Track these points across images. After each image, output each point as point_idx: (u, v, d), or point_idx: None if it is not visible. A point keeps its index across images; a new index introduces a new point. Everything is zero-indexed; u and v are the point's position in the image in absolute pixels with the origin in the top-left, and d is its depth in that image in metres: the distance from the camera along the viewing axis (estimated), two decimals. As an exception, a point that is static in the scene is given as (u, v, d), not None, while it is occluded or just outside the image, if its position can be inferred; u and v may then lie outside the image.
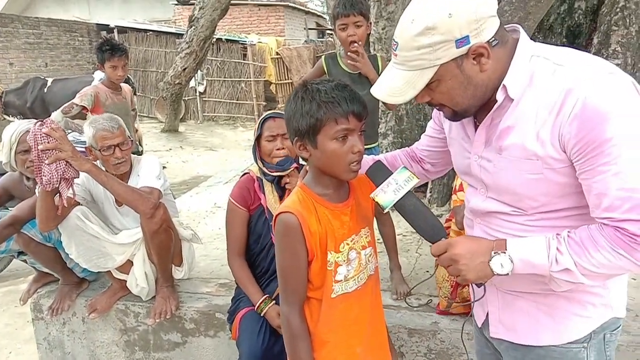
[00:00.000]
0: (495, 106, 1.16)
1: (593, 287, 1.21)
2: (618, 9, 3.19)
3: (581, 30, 3.60)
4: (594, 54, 3.02)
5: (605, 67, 1.07)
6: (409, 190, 1.27)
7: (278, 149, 2.12)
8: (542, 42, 1.20)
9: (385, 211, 1.31)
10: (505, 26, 1.18)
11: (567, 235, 1.10)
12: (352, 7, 2.46)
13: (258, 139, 2.17)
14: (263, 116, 2.17)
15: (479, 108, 1.21)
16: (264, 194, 2.22)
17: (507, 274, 1.13)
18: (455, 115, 1.23)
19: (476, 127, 1.26)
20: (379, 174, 1.33)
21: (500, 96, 1.14)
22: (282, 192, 2.20)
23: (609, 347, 1.27)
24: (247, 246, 2.29)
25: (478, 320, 1.46)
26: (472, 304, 1.37)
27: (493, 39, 1.10)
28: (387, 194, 1.27)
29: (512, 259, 1.13)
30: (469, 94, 1.15)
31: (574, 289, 1.20)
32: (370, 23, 2.64)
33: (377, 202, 1.29)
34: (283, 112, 2.09)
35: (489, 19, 1.08)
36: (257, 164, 2.22)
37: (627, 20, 3.17)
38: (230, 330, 2.26)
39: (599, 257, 1.05)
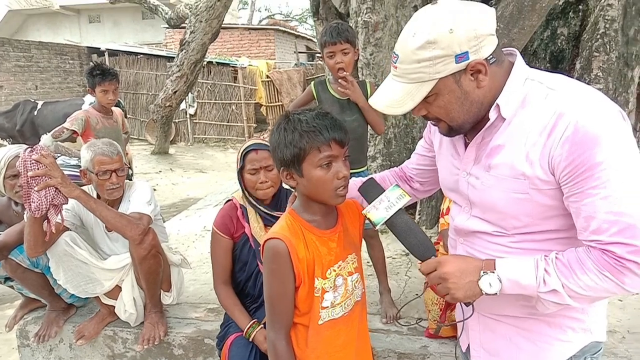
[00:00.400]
0: (487, 124, 1.19)
1: (572, 312, 1.23)
2: (599, 36, 3.28)
3: (564, 55, 3.69)
4: (576, 78, 3.10)
5: (596, 95, 1.11)
6: (401, 208, 1.30)
7: (261, 182, 2.11)
8: (538, 70, 1.24)
9: (377, 228, 1.33)
10: (503, 49, 1.22)
11: (555, 257, 1.12)
12: (339, 36, 2.51)
13: (240, 170, 2.14)
14: (244, 147, 2.13)
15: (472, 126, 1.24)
16: (248, 222, 2.20)
17: (496, 293, 1.14)
18: (450, 131, 1.25)
19: (466, 145, 1.29)
20: (372, 191, 1.35)
21: (492, 115, 1.17)
22: (267, 220, 2.18)
23: None
24: (233, 274, 2.28)
25: (463, 345, 1.48)
26: (461, 324, 1.38)
27: (491, 56, 1.13)
28: (379, 211, 1.29)
29: (500, 278, 1.14)
30: (465, 109, 1.18)
31: (554, 313, 1.22)
32: (358, 49, 2.69)
33: (369, 218, 1.31)
34: (265, 143, 2.09)
35: (487, 37, 1.11)
36: (247, 200, 2.20)
37: (608, 47, 3.26)
38: (220, 357, 2.24)
39: (586, 279, 1.07)
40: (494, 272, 1.15)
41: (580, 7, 3.58)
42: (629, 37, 3.30)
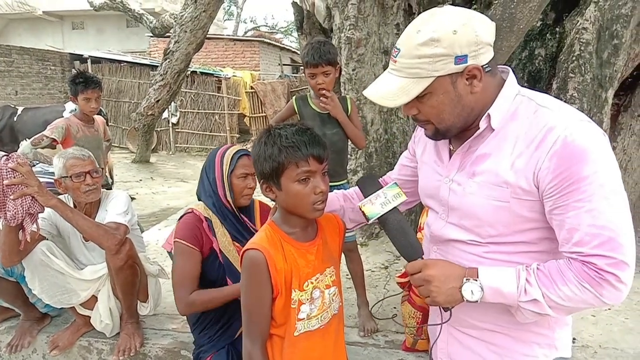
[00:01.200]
0: (476, 134, 1.23)
1: (539, 328, 1.26)
2: (574, 57, 3.37)
3: (541, 75, 3.78)
4: (552, 98, 3.17)
5: (582, 115, 1.17)
6: (396, 206, 1.32)
7: (250, 188, 2.09)
8: (528, 89, 1.29)
9: (370, 222, 1.35)
10: (498, 66, 1.27)
11: (536, 267, 1.15)
12: (320, 58, 2.53)
13: (229, 173, 2.07)
14: (234, 151, 2.08)
15: (458, 133, 1.28)
16: (215, 236, 2.08)
17: (477, 301, 1.17)
18: (436, 134, 1.29)
19: (450, 153, 1.33)
20: (370, 185, 1.39)
21: (483, 124, 1.22)
22: (235, 230, 2.12)
23: None
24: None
25: (434, 357, 1.50)
26: (434, 330, 1.39)
27: (487, 65, 1.18)
28: (375, 206, 1.32)
29: (482, 286, 1.17)
30: (456, 112, 1.22)
31: (521, 328, 1.25)
32: (340, 66, 2.73)
33: (363, 211, 1.34)
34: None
35: (486, 46, 1.16)
36: (228, 198, 2.08)
37: (583, 68, 3.35)
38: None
39: (566, 290, 1.10)
40: (476, 280, 1.18)
41: (557, 29, 3.68)
42: (603, 59, 3.40)
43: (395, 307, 3.01)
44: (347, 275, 2.86)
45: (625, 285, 1.08)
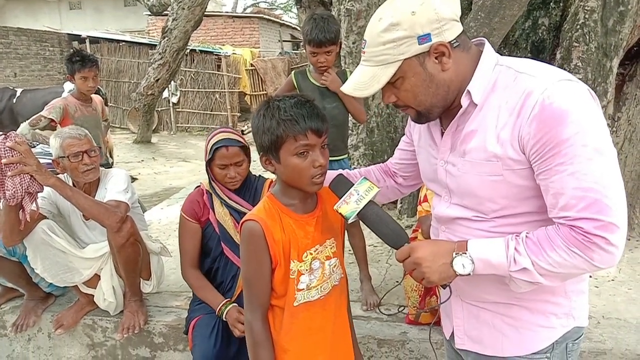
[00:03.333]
0: (460, 111, 1.21)
1: (555, 297, 1.25)
2: (578, 26, 3.29)
3: (545, 45, 3.71)
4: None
5: (564, 74, 1.13)
6: (371, 200, 1.31)
7: (230, 177, 2.13)
8: (508, 56, 1.26)
9: (350, 221, 1.34)
10: (473, 39, 1.25)
11: (525, 236, 1.13)
12: (325, 38, 2.49)
13: (209, 162, 2.14)
14: (214, 142, 2.11)
15: (443, 112, 1.26)
16: (213, 208, 2.23)
17: (469, 274, 1.16)
18: (419, 117, 1.28)
19: (442, 135, 1.31)
20: (341, 186, 1.37)
21: (465, 101, 1.19)
22: (229, 207, 2.21)
23: (571, 356, 1.30)
24: (202, 262, 2.33)
25: (446, 332, 1.49)
26: (439, 310, 1.39)
27: (455, 41, 1.16)
28: (350, 205, 1.31)
29: (472, 259, 1.15)
30: (431, 92, 1.20)
31: (536, 299, 1.23)
32: (340, 41, 2.68)
33: (340, 213, 1.33)
34: (235, 138, 2.11)
35: (450, 22, 1.14)
36: (211, 186, 2.22)
37: (587, 37, 3.27)
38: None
39: (555, 256, 1.08)
40: (465, 253, 1.16)
41: (561, -3, 3.60)
42: (608, 27, 3.32)
43: (397, 281, 3.02)
44: (349, 250, 2.86)
45: (616, 247, 1.05)
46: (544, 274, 1.11)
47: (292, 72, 2.84)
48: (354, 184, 1.34)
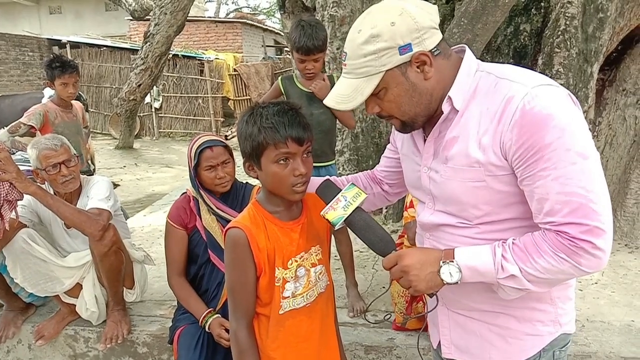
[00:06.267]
0: (442, 118, 1.21)
1: (541, 304, 1.25)
2: (560, 32, 3.34)
3: (527, 51, 3.75)
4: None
5: (544, 79, 1.13)
6: (358, 206, 1.30)
7: (220, 178, 2.11)
8: (490, 62, 1.26)
9: (337, 228, 1.33)
10: (454, 47, 1.25)
11: (512, 242, 1.13)
12: (313, 45, 2.48)
13: (195, 167, 2.12)
14: (198, 145, 2.11)
15: (426, 121, 1.25)
16: (200, 215, 2.21)
17: (457, 282, 1.15)
18: (404, 126, 1.27)
19: (425, 141, 1.30)
20: (328, 192, 1.35)
21: (446, 108, 1.19)
22: (216, 214, 2.19)
23: None
24: (187, 268, 2.30)
25: (433, 342, 1.48)
26: (425, 317, 1.38)
27: (435, 49, 1.16)
28: (337, 211, 1.29)
29: (459, 267, 1.15)
30: (414, 101, 1.20)
31: (523, 306, 1.23)
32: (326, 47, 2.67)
33: (327, 219, 1.31)
34: (218, 138, 2.11)
35: (430, 30, 1.14)
36: (198, 193, 2.18)
37: (568, 43, 3.32)
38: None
39: (543, 262, 1.08)
40: (453, 262, 1.15)
41: (542, 4, 3.64)
42: (588, 34, 3.37)
43: (384, 287, 3.02)
44: (335, 256, 2.85)
45: (602, 251, 1.04)
46: (532, 280, 1.10)
47: (279, 78, 2.82)
48: (341, 190, 1.33)
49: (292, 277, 1.41)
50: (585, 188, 1.04)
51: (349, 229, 1.34)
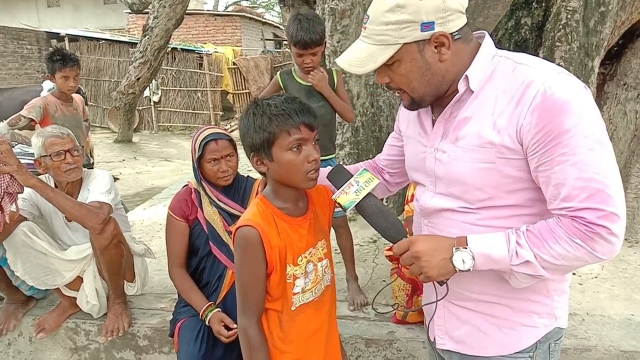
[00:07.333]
0: (455, 98, 1.21)
1: (537, 296, 1.25)
2: (561, 26, 3.33)
3: (528, 45, 3.74)
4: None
5: (561, 69, 1.14)
6: (370, 192, 1.30)
7: (223, 172, 2.12)
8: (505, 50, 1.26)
9: (348, 212, 1.32)
10: (474, 32, 1.24)
11: (526, 229, 1.13)
12: (310, 40, 2.47)
13: (199, 159, 2.13)
14: (203, 137, 2.11)
15: (435, 101, 1.25)
16: (201, 206, 2.21)
17: (469, 269, 1.15)
18: (412, 103, 1.27)
19: (433, 123, 1.30)
20: (340, 176, 1.35)
21: (462, 86, 1.19)
22: (219, 207, 2.20)
23: (553, 357, 1.31)
24: (188, 261, 2.30)
25: (430, 334, 1.48)
26: (432, 307, 1.37)
27: (457, 33, 1.15)
28: (349, 195, 1.29)
29: (473, 254, 1.14)
30: (425, 80, 1.19)
31: (519, 297, 1.23)
32: (325, 40, 2.66)
33: (339, 203, 1.31)
34: (223, 132, 2.10)
35: (456, 13, 1.13)
36: (200, 185, 2.19)
37: (569, 37, 3.32)
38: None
39: (558, 248, 1.08)
40: (466, 248, 1.15)
41: (543, -3, 3.64)
42: (589, 27, 3.36)
43: (384, 281, 3.02)
44: (336, 250, 2.85)
45: (617, 237, 1.05)
46: (547, 267, 1.10)
47: (278, 72, 2.81)
48: (353, 175, 1.33)
49: (302, 274, 1.41)
50: (602, 174, 1.05)
51: (350, 222, 1.34)
